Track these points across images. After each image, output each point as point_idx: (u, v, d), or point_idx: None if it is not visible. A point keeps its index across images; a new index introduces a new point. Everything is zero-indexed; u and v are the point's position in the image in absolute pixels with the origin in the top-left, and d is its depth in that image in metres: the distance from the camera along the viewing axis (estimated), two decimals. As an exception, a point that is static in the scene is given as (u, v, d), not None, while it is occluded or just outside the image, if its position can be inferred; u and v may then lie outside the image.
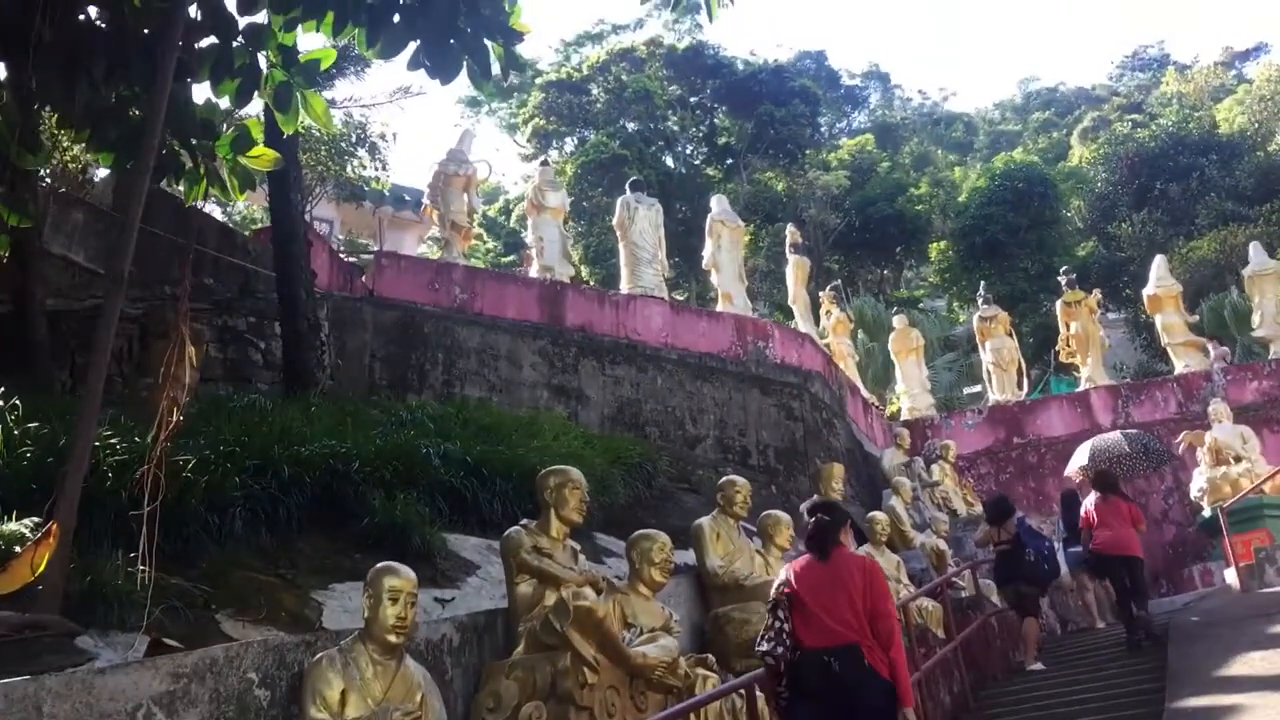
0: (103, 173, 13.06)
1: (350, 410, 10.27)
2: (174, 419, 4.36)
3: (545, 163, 19.24)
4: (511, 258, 41.60)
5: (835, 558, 5.51)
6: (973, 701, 9.98)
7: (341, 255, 15.28)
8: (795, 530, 10.99)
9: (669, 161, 43.87)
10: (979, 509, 16.23)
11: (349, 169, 15.41)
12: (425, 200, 17.14)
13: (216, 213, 20.57)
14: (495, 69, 6.88)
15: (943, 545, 13.31)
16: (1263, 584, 12.91)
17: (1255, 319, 21.10)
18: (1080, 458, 14.90)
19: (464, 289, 15.44)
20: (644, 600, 7.06)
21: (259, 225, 17.39)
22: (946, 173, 49.38)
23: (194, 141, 7.24)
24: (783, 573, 5.66)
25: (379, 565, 5.00)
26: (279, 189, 11.78)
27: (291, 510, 7.10)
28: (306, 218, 17.31)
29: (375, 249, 17.05)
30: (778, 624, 5.36)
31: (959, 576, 12.59)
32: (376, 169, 15.72)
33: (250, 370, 11.83)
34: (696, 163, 44.84)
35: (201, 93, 25.04)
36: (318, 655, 4.68)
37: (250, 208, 19.56)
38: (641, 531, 7.42)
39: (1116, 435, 15.40)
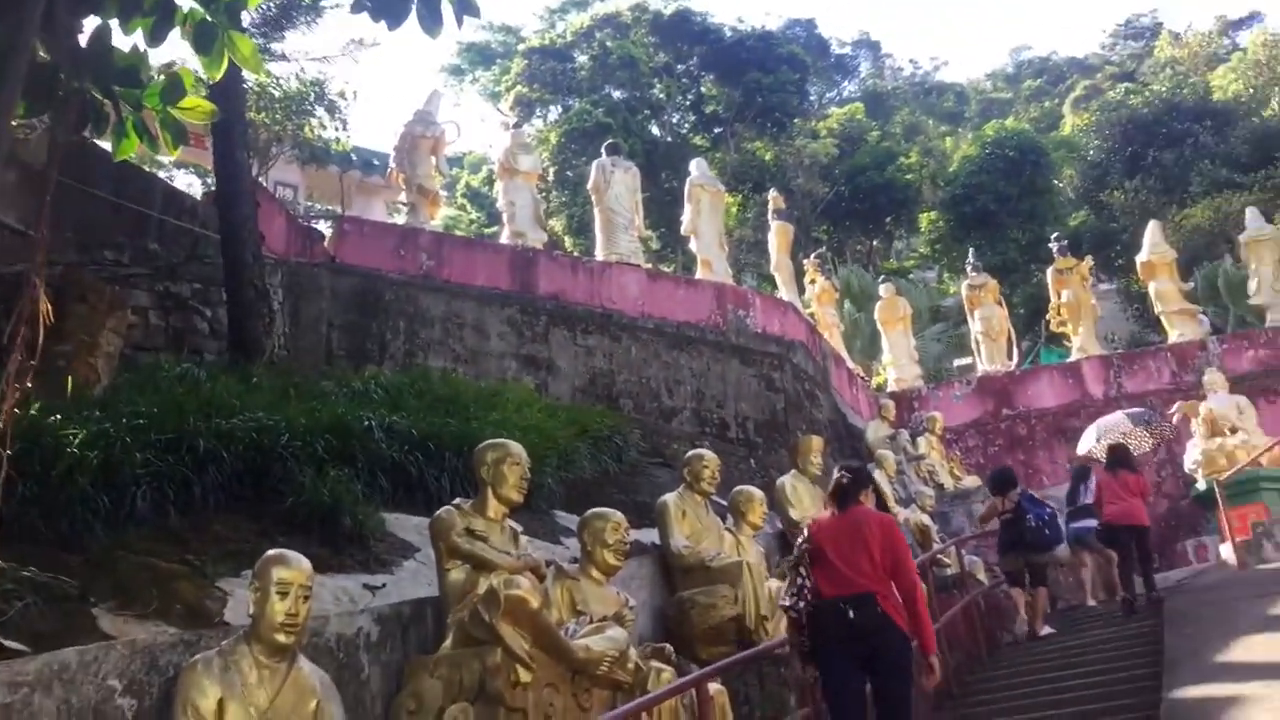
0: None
1: (296, 381, 9.64)
2: (16, 390, 3.72)
3: (518, 125, 18.53)
4: (495, 229, 40.87)
5: (854, 513, 5.76)
6: (956, 686, 9.41)
7: (301, 220, 14.58)
8: (771, 505, 10.54)
9: (655, 130, 43.13)
10: (966, 483, 15.71)
11: (307, 129, 14.68)
12: (391, 164, 16.44)
13: (194, 182, 19.84)
14: (449, 14, 6.20)
15: (927, 521, 12.76)
16: (1260, 560, 12.38)
17: (1252, 285, 20.50)
18: (1089, 439, 14.35)
19: (431, 255, 14.77)
20: (596, 585, 6.49)
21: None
22: (937, 142, 48.69)
23: (117, 90, 6.57)
24: (805, 530, 5.94)
25: (268, 554, 4.39)
26: (223, 145, 11.08)
27: (208, 489, 6.46)
28: (266, 181, 16.61)
29: (340, 214, 16.37)
30: (799, 580, 5.64)
31: (944, 554, 12.03)
32: (336, 129, 15.01)
33: (195, 339, 11.17)
34: (683, 131, 44.04)
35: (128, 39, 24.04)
36: (194, 658, 4.06)
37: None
38: (594, 510, 6.83)
39: (1119, 414, 14.90)
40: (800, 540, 5.83)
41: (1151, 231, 21.31)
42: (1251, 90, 35.58)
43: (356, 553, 6.56)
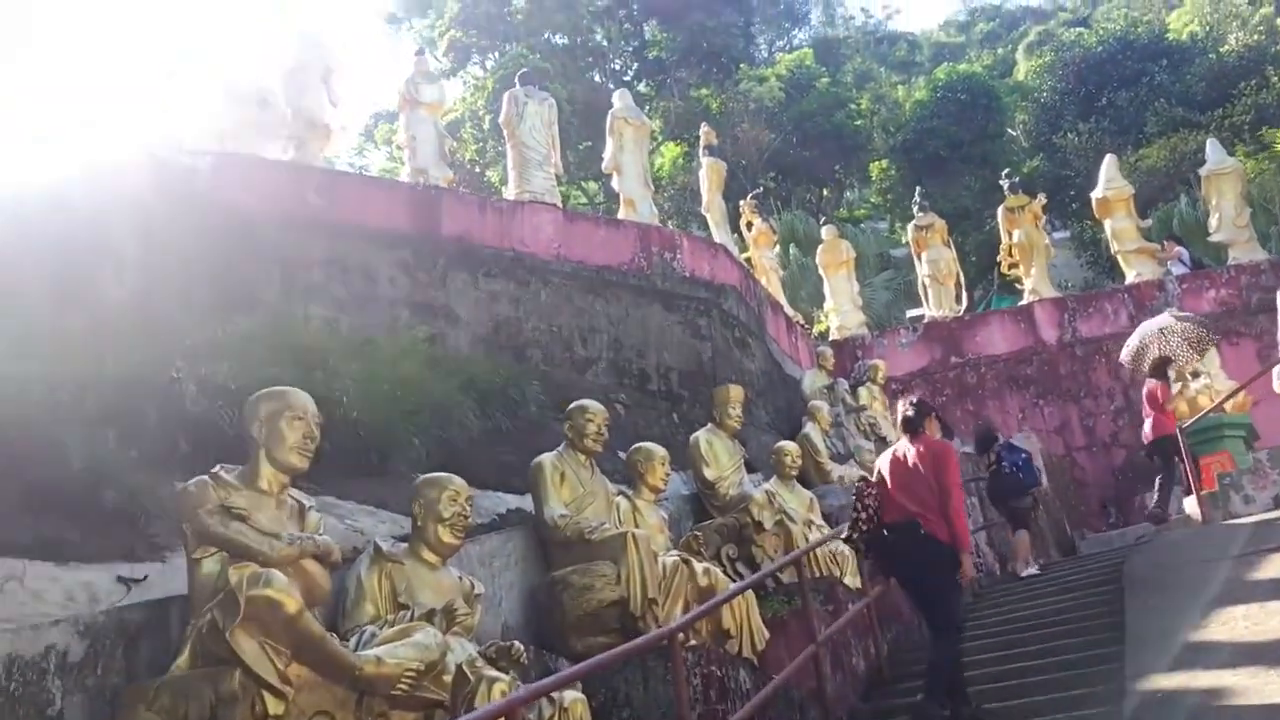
0: None
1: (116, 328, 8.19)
2: None
3: (420, 52, 16.96)
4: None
5: (918, 443, 6.66)
6: (889, 669, 8.23)
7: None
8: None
9: (596, 78, 41.55)
10: (910, 436, 14.51)
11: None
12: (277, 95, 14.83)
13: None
14: None
15: (865, 478, 11.52)
16: (1227, 514, 11.30)
17: (1212, 222, 19.35)
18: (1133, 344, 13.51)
19: (320, 193, 13.29)
20: (428, 569, 5.19)
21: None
22: (889, 90, 47.39)
23: None
24: (877, 462, 7.00)
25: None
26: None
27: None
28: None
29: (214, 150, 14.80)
30: (855, 513, 6.62)
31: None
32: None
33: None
34: (626, 79, 42.44)
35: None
36: None
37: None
38: (426, 476, 5.52)
39: (1164, 315, 13.91)
40: (864, 477, 7.00)
41: (1107, 166, 20.11)
42: (1208, 28, 34.52)
43: (120, 535, 5.18)
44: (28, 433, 5.40)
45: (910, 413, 6.80)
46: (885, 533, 6.41)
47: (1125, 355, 13.56)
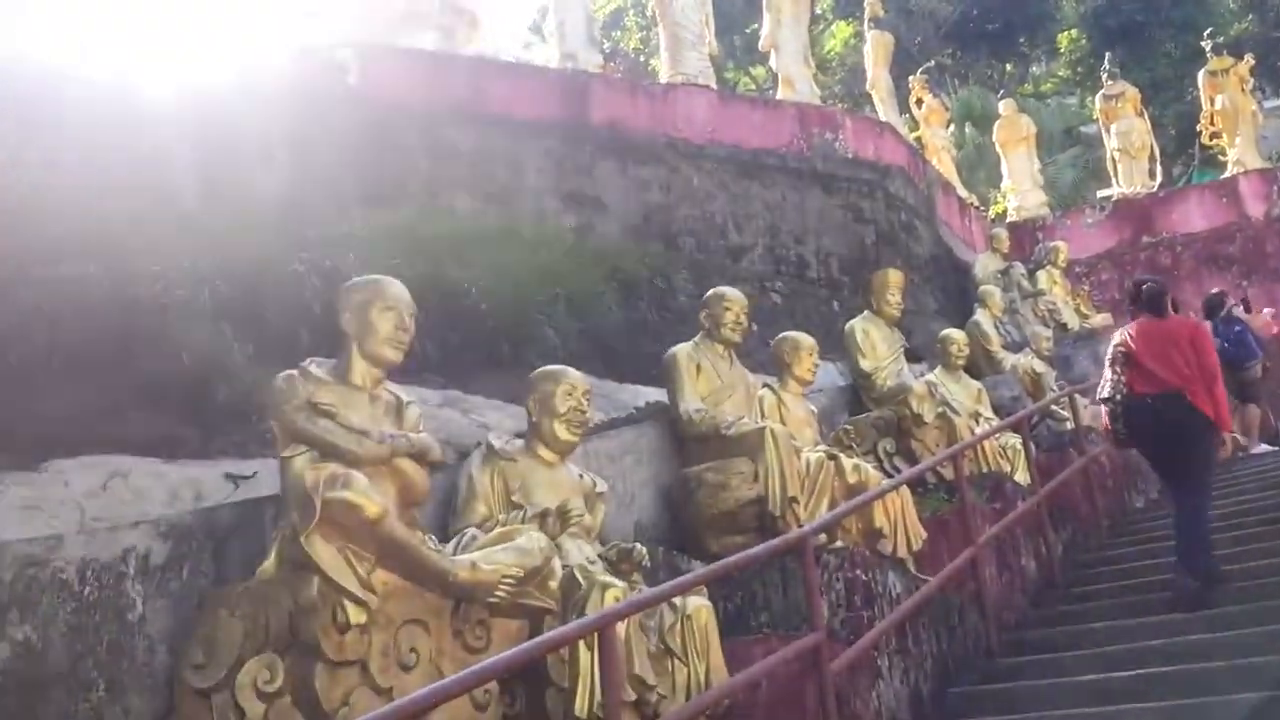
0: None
1: (249, 223, 8.11)
2: None
3: (567, -71, 16.29)
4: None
5: (1168, 319, 6.61)
6: (1061, 572, 7.61)
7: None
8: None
9: (758, -47, 39.85)
10: (1095, 321, 13.49)
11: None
12: (423, -18, 14.52)
13: None
14: None
15: (1039, 367, 10.73)
16: None
17: None
18: None
19: (466, 84, 13.01)
20: (545, 468, 4.88)
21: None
22: (1077, -49, 43.90)
23: None
24: (1118, 335, 6.82)
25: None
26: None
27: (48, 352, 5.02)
28: None
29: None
30: (1115, 376, 6.51)
31: (1058, 405, 10.04)
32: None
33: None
34: (791, -47, 40.55)
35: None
36: None
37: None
38: (543, 370, 5.18)
39: None
40: (1115, 343, 6.67)
41: (1329, 20, 17.99)
42: None
43: (234, 431, 5.04)
44: (140, 327, 5.30)
45: (1156, 288, 6.71)
46: (1147, 401, 6.27)
47: None
